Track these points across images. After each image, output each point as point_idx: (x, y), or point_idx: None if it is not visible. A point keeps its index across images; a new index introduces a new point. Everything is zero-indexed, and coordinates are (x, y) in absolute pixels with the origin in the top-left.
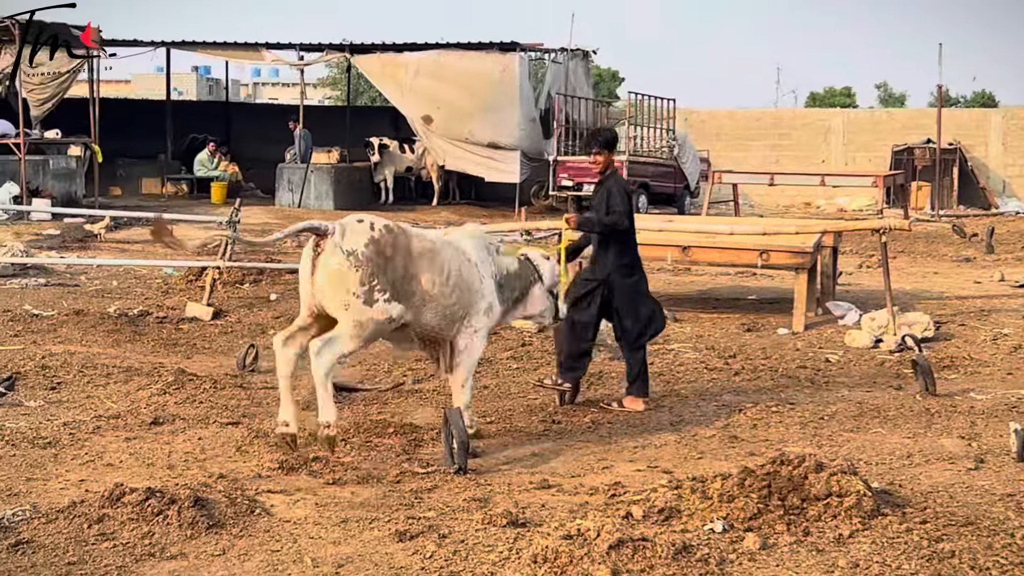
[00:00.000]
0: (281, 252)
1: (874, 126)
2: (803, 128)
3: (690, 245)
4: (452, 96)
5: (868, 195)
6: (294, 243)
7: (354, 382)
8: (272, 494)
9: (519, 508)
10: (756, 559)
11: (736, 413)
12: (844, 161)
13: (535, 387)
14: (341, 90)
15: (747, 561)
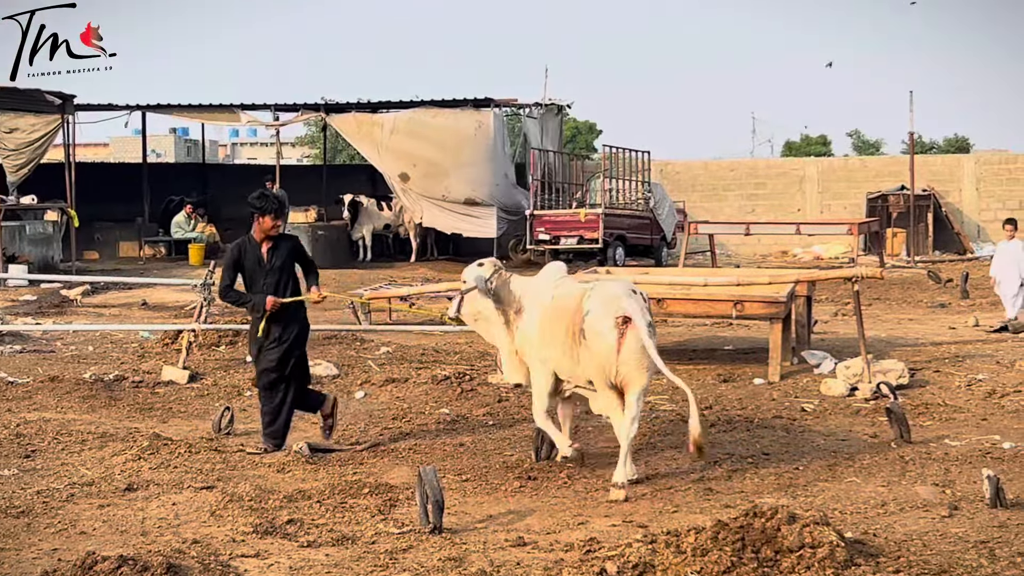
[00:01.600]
0: None
1: (848, 174)
2: (778, 177)
3: (665, 297)
4: (428, 153)
5: (844, 243)
6: None
7: (330, 443)
8: (246, 558)
9: (494, 567)
10: None
11: (711, 465)
12: (819, 209)
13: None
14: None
15: None
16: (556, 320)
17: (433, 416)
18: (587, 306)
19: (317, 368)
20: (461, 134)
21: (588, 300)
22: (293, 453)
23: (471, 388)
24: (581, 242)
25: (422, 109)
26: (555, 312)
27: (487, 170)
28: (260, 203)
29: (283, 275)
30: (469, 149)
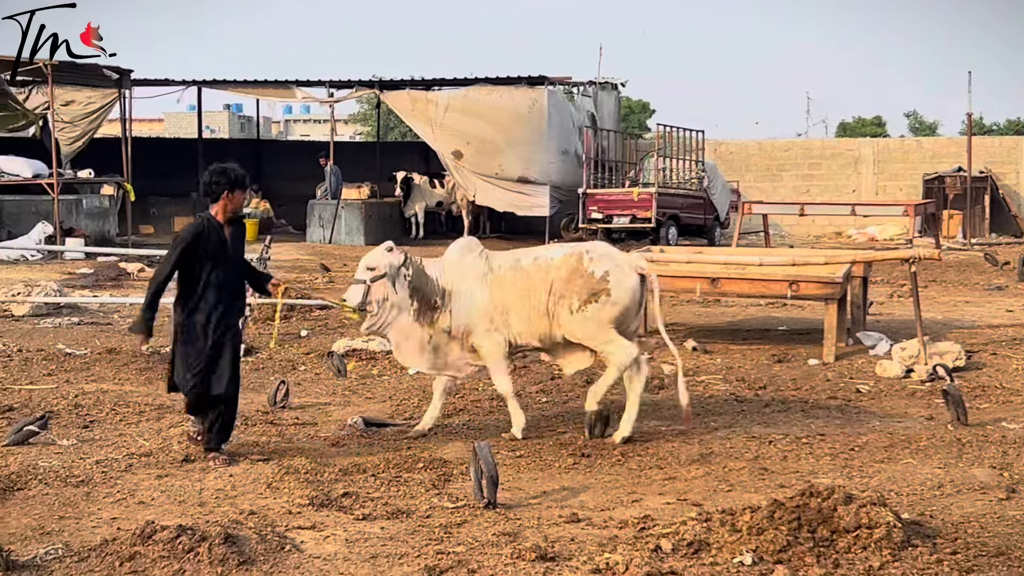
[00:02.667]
0: (312, 289)
1: (905, 155)
2: (833, 158)
3: (719, 277)
4: (482, 131)
5: (899, 224)
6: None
7: (384, 417)
8: (302, 530)
9: (548, 542)
10: None
11: (766, 445)
12: (875, 190)
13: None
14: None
15: None
16: (534, 287)
17: (486, 392)
18: (597, 267)
19: (372, 343)
20: (515, 112)
21: (594, 262)
22: (348, 427)
23: (524, 365)
24: (634, 221)
25: (476, 87)
26: (535, 279)
27: (541, 148)
28: (228, 177)
29: (240, 264)
30: (523, 127)
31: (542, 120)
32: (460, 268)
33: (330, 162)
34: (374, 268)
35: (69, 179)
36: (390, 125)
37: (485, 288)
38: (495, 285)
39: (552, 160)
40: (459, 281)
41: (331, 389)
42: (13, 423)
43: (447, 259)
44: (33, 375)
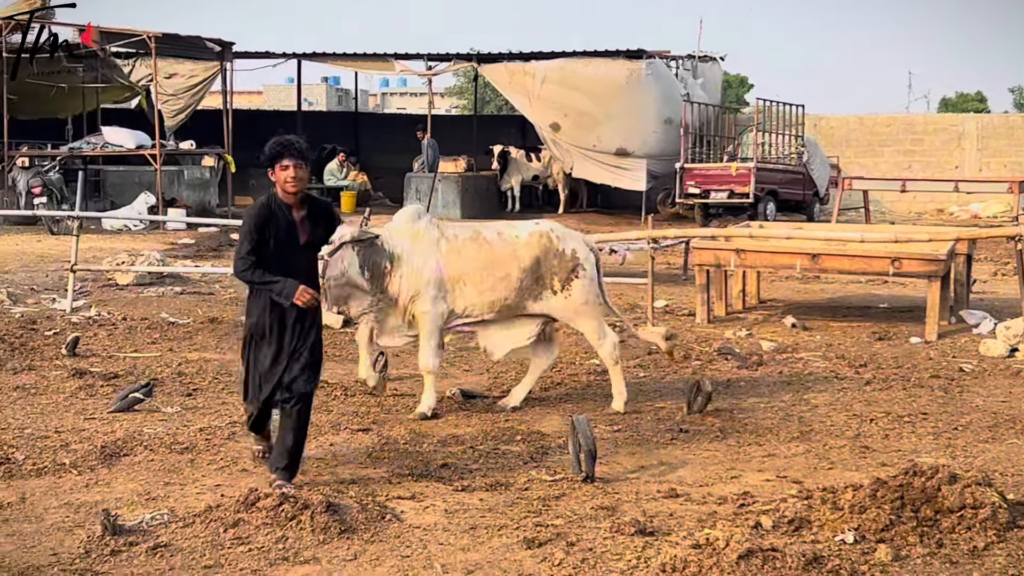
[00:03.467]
0: None
1: (1009, 131)
2: (936, 133)
3: (820, 253)
4: (579, 103)
5: (1003, 201)
6: None
7: (481, 390)
8: (402, 500)
9: (647, 517)
10: (888, 571)
11: (867, 423)
12: (978, 167)
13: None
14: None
15: (879, 573)
16: (500, 261)
17: (583, 367)
18: (566, 245)
19: None
20: (613, 83)
21: (562, 240)
22: (446, 399)
23: (621, 340)
24: (732, 196)
25: (574, 59)
26: (501, 253)
27: (639, 121)
28: (266, 151)
29: (312, 265)
30: (621, 99)
31: (640, 92)
32: (411, 234)
33: (427, 135)
34: (331, 242)
35: (171, 150)
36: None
37: (439, 255)
38: (451, 254)
39: (650, 133)
40: (410, 246)
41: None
42: (119, 390)
43: (395, 224)
44: (137, 343)
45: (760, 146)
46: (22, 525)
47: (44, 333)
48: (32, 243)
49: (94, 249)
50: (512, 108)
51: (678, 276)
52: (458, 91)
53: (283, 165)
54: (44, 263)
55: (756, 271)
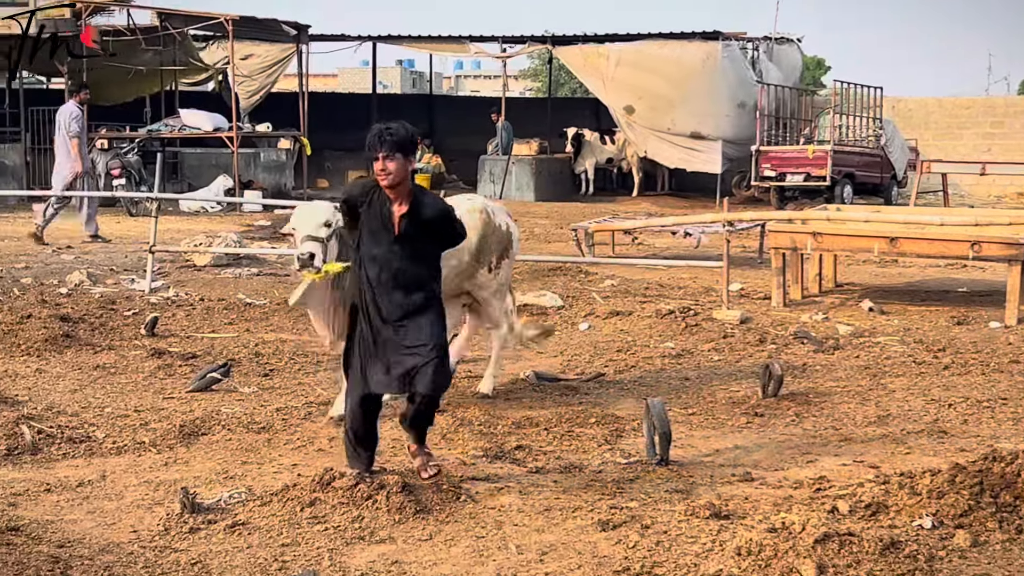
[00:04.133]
0: None
1: None
2: (1016, 116)
3: (898, 236)
4: (654, 85)
5: None
6: None
7: (556, 372)
8: (476, 481)
9: (722, 500)
10: (967, 556)
11: (945, 408)
12: None
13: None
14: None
15: (957, 558)
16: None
17: (658, 349)
18: (500, 221)
19: (543, 299)
20: (688, 66)
21: (496, 216)
22: (520, 381)
23: (696, 323)
24: (808, 179)
25: (649, 41)
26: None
27: (714, 103)
28: (368, 137)
29: (412, 264)
30: (696, 81)
31: (716, 74)
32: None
33: (502, 118)
34: (330, 224)
35: (248, 133)
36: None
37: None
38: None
39: (726, 115)
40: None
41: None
42: (196, 370)
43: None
44: (214, 323)
45: (837, 128)
46: (102, 502)
47: (123, 313)
48: (111, 224)
49: (172, 230)
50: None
51: (754, 259)
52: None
53: (373, 156)
54: (123, 244)
55: (833, 254)
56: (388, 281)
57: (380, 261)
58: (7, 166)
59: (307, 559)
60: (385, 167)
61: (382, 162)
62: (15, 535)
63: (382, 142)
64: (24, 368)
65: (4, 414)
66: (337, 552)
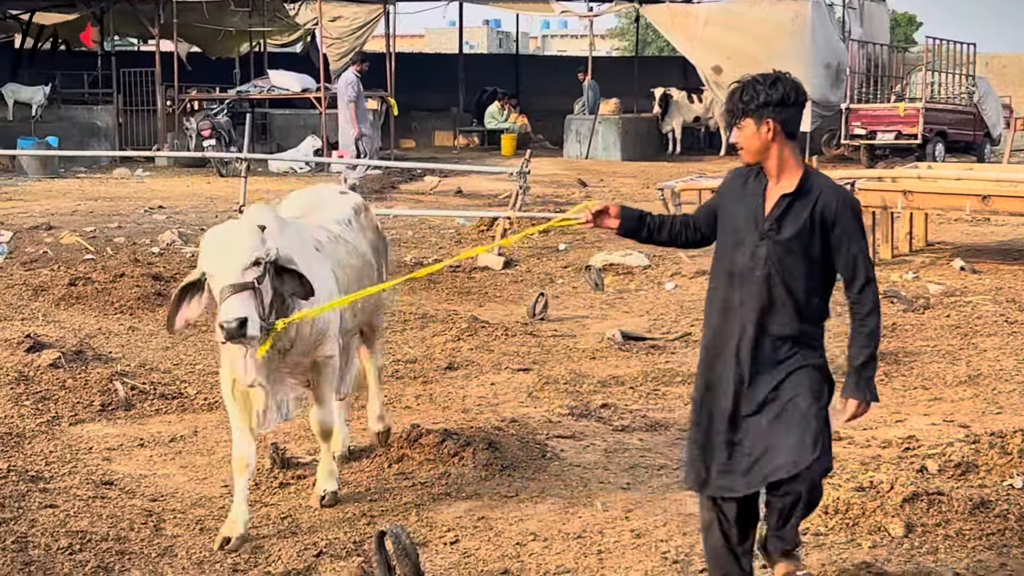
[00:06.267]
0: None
1: None
2: None
3: (991, 194)
4: (742, 45)
5: None
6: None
7: (642, 331)
8: (562, 439)
9: None
10: None
11: None
12: None
13: None
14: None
15: None
16: (363, 252)
17: None
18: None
19: (629, 259)
20: (777, 24)
21: (372, 210)
22: (606, 340)
23: None
24: (899, 137)
25: (737, 0)
26: (361, 244)
27: (803, 62)
28: (733, 96)
29: (786, 275)
30: (785, 41)
31: (805, 33)
32: (296, 237)
33: (588, 77)
34: (260, 261)
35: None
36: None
37: (326, 264)
38: (333, 259)
39: (815, 74)
40: (298, 257)
41: (588, 302)
42: None
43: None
44: None
45: (929, 86)
46: (194, 457)
47: None
48: (202, 184)
49: (261, 191)
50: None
51: None
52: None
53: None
54: (213, 204)
55: (924, 213)
56: (761, 323)
57: (736, 270)
58: (100, 127)
59: (394, 514)
60: (738, 137)
61: (737, 132)
62: (109, 489)
63: (739, 107)
64: (117, 326)
65: (98, 371)
66: (424, 508)
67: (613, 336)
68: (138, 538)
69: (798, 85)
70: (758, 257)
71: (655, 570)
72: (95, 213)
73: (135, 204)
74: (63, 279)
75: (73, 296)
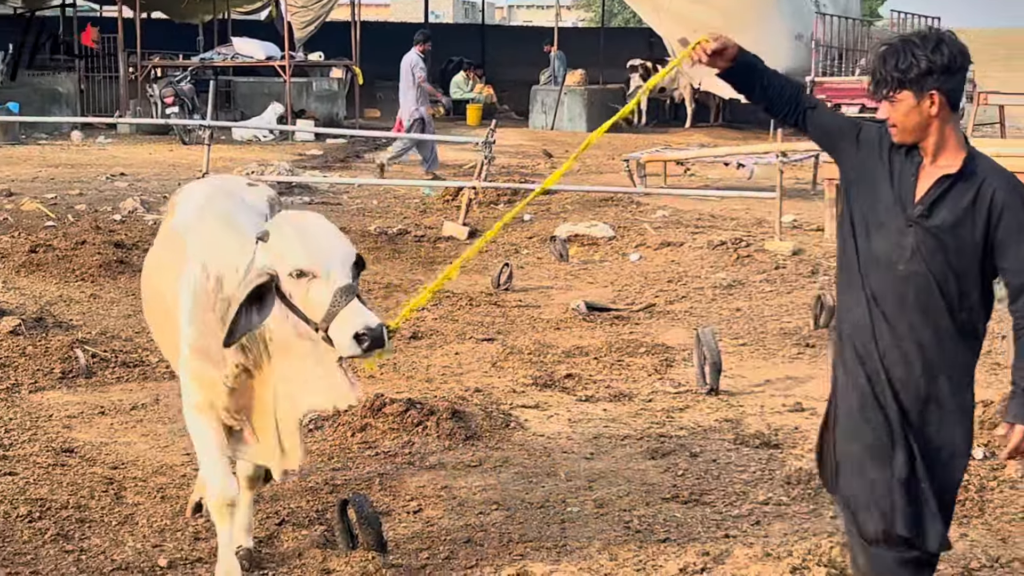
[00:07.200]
0: (535, 174)
1: None
2: None
3: None
4: (709, 17)
5: None
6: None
7: (606, 302)
8: (526, 409)
9: (771, 430)
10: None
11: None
12: None
13: None
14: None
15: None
16: None
17: (709, 280)
18: None
19: (594, 230)
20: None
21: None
22: (570, 310)
23: (748, 254)
24: (863, 111)
25: None
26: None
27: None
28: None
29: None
30: (752, 12)
31: (773, 6)
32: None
33: (555, 48)
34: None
35: (300, 62)
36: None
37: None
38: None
39: (782, 46)
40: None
41: (553, 273)
42: None
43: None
44: None
45: None
46: (156, 426)
47: None
48: (164, 152)
49: (224, 159)
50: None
51: (807, 191)
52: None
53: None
54: (176, 171)
55: None
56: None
57: (874, 266)
58: (61, 94)
59: (357, 483)
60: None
61: (886, 108)
62: (69, 456)
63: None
64: (78, 293)
65: (59, 338)
66: (388, 476)
67: (577, 307)
68: (98, 506)
69: (963, 47)
70: (904, 247)
71: (617, 540)
72: (56, 180)
73: (97, 171)
74: (24, 246)
75: (34, 263)
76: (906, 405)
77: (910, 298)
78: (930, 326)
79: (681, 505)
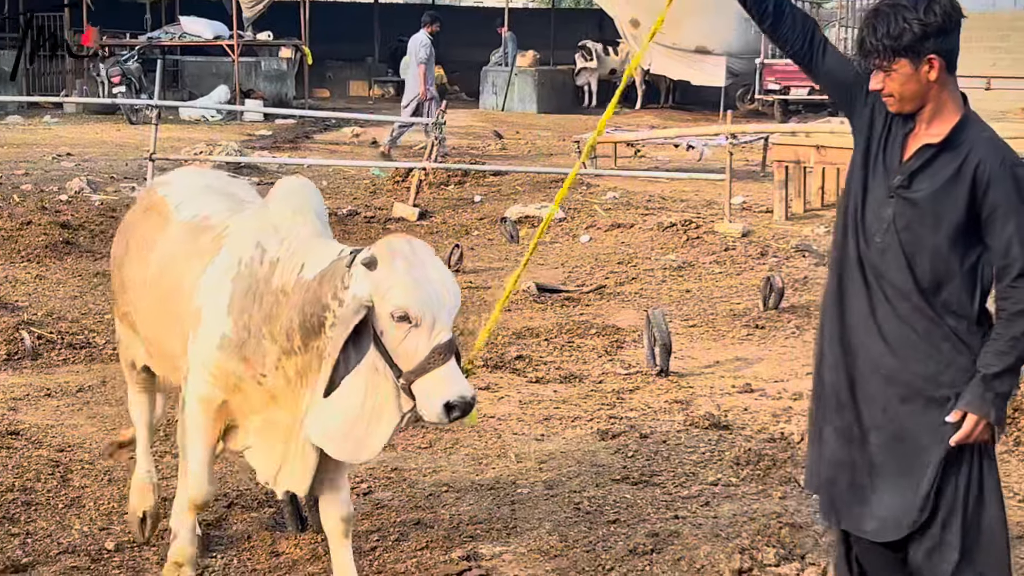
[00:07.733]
0: (486, 155)
1: None
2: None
3: None
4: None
5: None
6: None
7: (557, 283)
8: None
9: (721, 411)
10: None
11: None
12: None
13: None
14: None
15: None
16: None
17: (659, 262)
18: None
19: (543, 211)
20: None
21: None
22: (521, 292)
23: (697, 236)
24: (812, 93)
25: None
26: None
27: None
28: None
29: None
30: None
31: None
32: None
33: (506, 29)
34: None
35: (249, 41)
36: None
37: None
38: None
39: (731, 31)
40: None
41: (504, 254)
42: None
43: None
44: None
45: (842, 42)
46: (102, 408)
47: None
48: (111, 132)
49: (172, 139)
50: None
51: (756, 173)
52: None
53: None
54: (123, 152)
55: (836, 168)
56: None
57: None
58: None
59: None
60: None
61: (880, 78)
62: (15, 439)
63: (870, 46)
64: (24, 274)
65: (4, 320)
66: None
67: (528, 288)
68: (44, 489)
69: (955, 2)
70: (882, 218)
71: (567, 521)
72: (1, 160)
73: (42, 151)
74: None
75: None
76: (873, 386)
77: (886, 273)
78: (905, 304)
79: (631, 486)
